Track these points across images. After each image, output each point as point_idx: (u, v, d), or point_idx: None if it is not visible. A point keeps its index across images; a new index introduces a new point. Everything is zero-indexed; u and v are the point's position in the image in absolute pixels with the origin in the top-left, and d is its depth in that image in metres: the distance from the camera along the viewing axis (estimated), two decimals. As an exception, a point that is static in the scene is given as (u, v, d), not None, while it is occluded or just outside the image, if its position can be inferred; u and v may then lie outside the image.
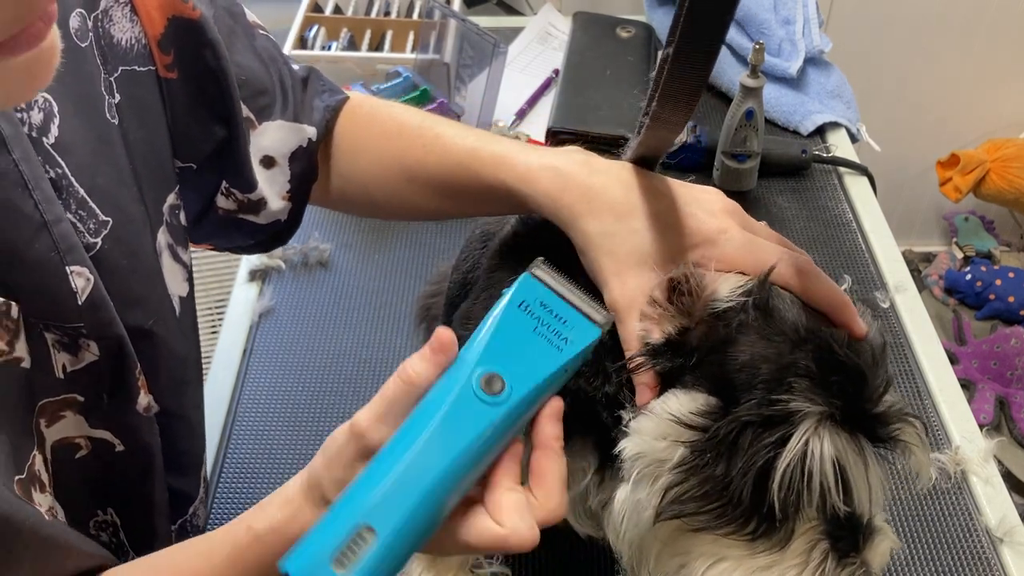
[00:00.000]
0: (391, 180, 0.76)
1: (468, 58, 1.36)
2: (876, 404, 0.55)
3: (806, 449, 0.51)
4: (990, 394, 1.96)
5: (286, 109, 0.76)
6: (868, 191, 1.31)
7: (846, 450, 0.52)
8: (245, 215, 0.77)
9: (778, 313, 0.56)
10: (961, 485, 0.94)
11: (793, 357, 0.54)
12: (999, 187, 2.26)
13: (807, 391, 0.52)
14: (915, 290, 1.16)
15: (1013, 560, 0.88)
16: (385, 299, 1.16)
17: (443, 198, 0.73)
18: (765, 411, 0.52)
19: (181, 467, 0.71)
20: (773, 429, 0.52)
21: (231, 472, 0.97)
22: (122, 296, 0.61)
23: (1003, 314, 2.14)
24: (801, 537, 0.55)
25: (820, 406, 0.52)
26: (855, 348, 0.56)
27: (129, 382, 0.61)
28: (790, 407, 0.52)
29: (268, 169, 0.76)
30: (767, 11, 1.46)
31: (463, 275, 0.78)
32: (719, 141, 1.25)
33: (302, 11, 1.54)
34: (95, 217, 0.60)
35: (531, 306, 0.54)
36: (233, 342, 1.11)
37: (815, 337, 0.54)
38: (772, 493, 0.52)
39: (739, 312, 0.56)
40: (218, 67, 0.70)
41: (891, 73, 2.19)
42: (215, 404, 1.04)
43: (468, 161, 0.68)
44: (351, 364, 1.09)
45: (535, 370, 0.52)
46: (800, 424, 0.51)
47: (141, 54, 0.66)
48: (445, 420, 0.49)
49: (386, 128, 0.77)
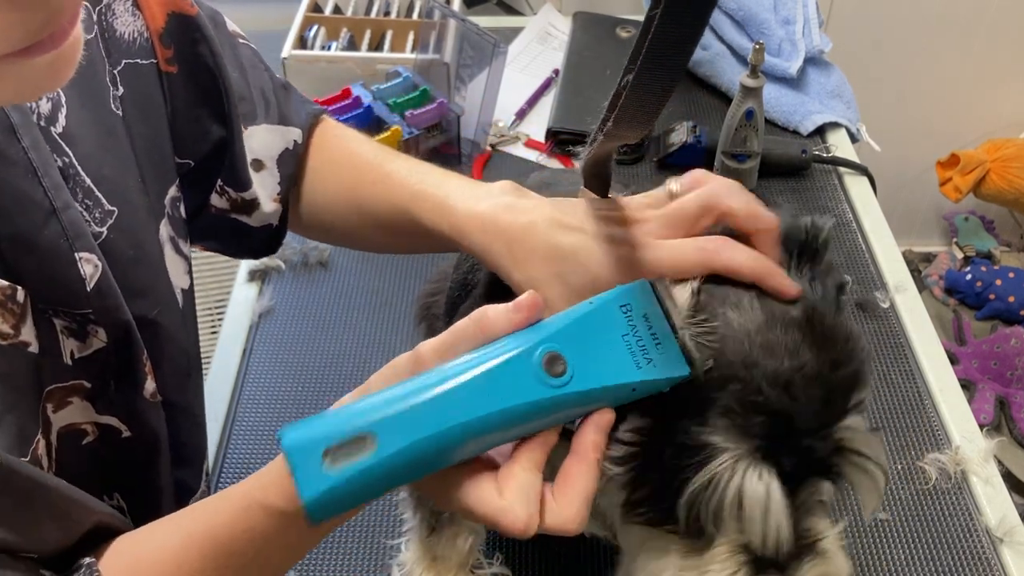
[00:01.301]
0: (343, 209, 0.77)
1: (468, 58, 1.36)
2: (815, 439, 0.53)
3: (711, 481, 0.52)
4: (990, 394, 1.96)
5: (269, 113, 0.77)
6: (868, 191, 1.31)
7: (759, 486, 0.52)
8: (238, 215, 0.77)
9: (723, 342, 0.54)
10: (961, 485, 0.94)
11: (716, 395, 0.53)
12: (999, 187, 2.26)
13: (724, 430, 0.52)
14: (915, 290, 1.16)
15: (1013, 560, 0.88)
16: (385, 299, 1.16)
17: (390, 235, 0.74)
18: (685, 440, 0.53)
19: (183, 459, 0.71)
20: (690, 457, 0.53)
21: (231, 472, 0.97)
22: (127, 286, 0.61)
23: (1003, 314, 2.14)
24: (723, 546, 0.55)
25: (736, 444, 0.52)
26: (798, 381, 0.53)
27: (136, 368, 0.61)
28: (708, 440, 0.52)
29: (258, 172, 0.77)
30: (767, 11, 1.46)
31: (463, 275, 0.78)
32: (719, 141, 1.25)
33: (302, 11, 1.54)
34: (101, 207, 0.61)
35: (633, 313, 0.51)
36: (233, 342, 1.11)
37: (748, 373, 0.53)
38: (680, 510, 0.53)
39: None
40: (215, 64, 0.71)
41: (891, 73, 2.19)
42: (215, 403, 1.04)
43: (410, 205, 0.69)
44: (351, 364, 1.09)
45: (603, 373, 0.49)
46: (715, 458, 0.52)
47: (143, 48, 0.67)
48: (490, 375, 0.47)
49: (345, 155, 0.78)
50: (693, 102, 1.47)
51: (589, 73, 1.47)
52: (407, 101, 1.33)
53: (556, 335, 0.49)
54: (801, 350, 0.54)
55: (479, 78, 1.33)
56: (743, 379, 0.53)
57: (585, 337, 0.50)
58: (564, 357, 0.49)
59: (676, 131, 1.34)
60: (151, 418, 0.64)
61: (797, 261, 0.60)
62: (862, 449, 0.55)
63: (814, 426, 0.53)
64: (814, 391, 0.53)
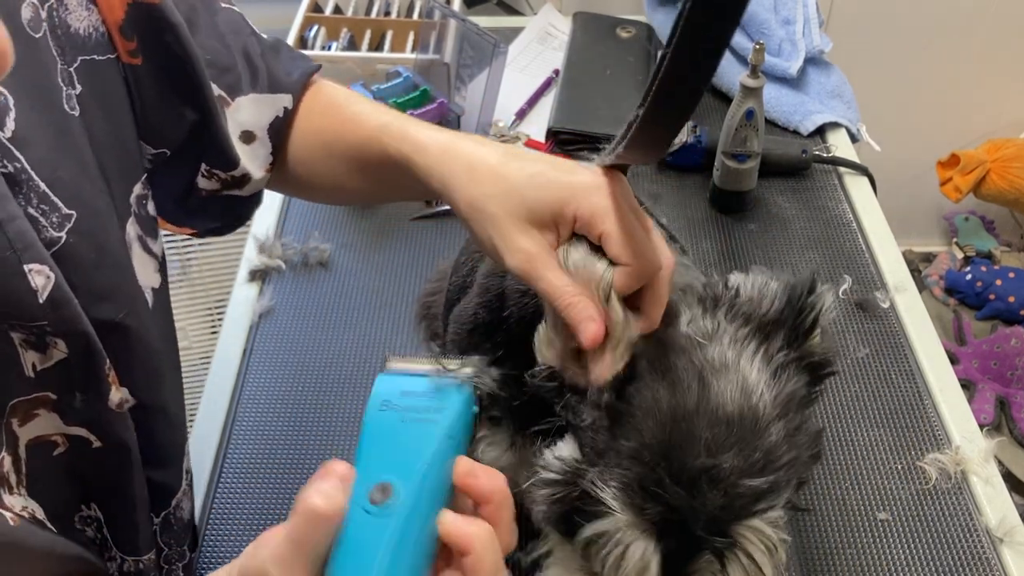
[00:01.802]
0: (315, 155, 0.78)
1: (468, 58, 1.36)
2: (709, 534, 0.54)
3: (600, 535, 0.55)
4: (990, 394, 1.96)
5: (257, 82, 0.77)
6: (868, 191, 1.31)
7: (641, 557, 0.54)
8: (230, 191, 0.78)
9: (633, 416, 0.56)
10: (961, 485, 0.94)
11: (625, 465, 0.55)
12: (999, 187, 2.26)
13: (623, 502, 0.54)
14: (915, 290, 1.16)
15: (1013, 560, 0.87)
16: (385, 299, 1.16)
17: (358, 173, 0.76)
18: (591, 490, 0.55)
19: (161, 460, 0.70)
20: (592, 505, 0.55)
21: (231, 472, 0.97)
22: (90, 290, 0.60)
23: (1003, 314, 2.14)
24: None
25: (630, 517, 0.54)
26: (704, 483, 0.54)
27: (99, 378, 0.60)
28: (608, 502, 0.54)
29: (248, 144, 0.77)
30: (767, 11, 1.46)
31: (462, 278, 0.78)
32: (719, 141, 1.25)
33: (302, 11, 1.54)
34: (58, 211, 0.59)
35: (393, 401, 0.52)
36: (233, 342, 1.11)
37: (654, 460, 0.54)
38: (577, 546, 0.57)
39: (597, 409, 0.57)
40: (183, 51, 0.69)
41: (891, 73, 2.19)
42: (215, 404, 1.04)
43: (377, 134, 0.71)
44: (351, 364, 1.09)
45: (417, 457, 0.49)
46: (609, 516, 0.54)
47: (100, 43, 0.65)
48: (348, 552, 0.45)
49: (322, 106, 0.80)
50: (693, 102, 1.47)
51: (589, 73, 1.47)
52: (407, 101, 1.34)
53: (364, 474, 0.48)
54: (720, 449, 0.54)
55: (479, 78, 1.33)
56: (649, 465, 0.54)
57: (382, 451, 0.49)
58: (385, 480, 0.48)
59: (676, 131, 1.34)
60: (119, 428, 0.63)
61: (781, 335, 0.60)
62: (752, 553, 0.55)
63: (710, 526, 0.54)
64: (716, 495, 0.53)
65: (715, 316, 0.60)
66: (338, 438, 1.01)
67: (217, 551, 0.91)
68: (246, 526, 0.93)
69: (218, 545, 0.91)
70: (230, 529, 0.92)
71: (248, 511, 0.94)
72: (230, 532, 0.92)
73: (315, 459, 0.99)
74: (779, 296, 0.61)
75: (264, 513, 0.94)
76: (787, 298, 0.60)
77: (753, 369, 0.57)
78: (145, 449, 0.66)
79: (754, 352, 0.58)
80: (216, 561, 0.90)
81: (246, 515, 0.94)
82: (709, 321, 0.60)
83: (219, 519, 0.93)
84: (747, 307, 0.60)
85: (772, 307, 0.60)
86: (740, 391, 0.56)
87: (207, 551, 0.91)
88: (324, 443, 1.01)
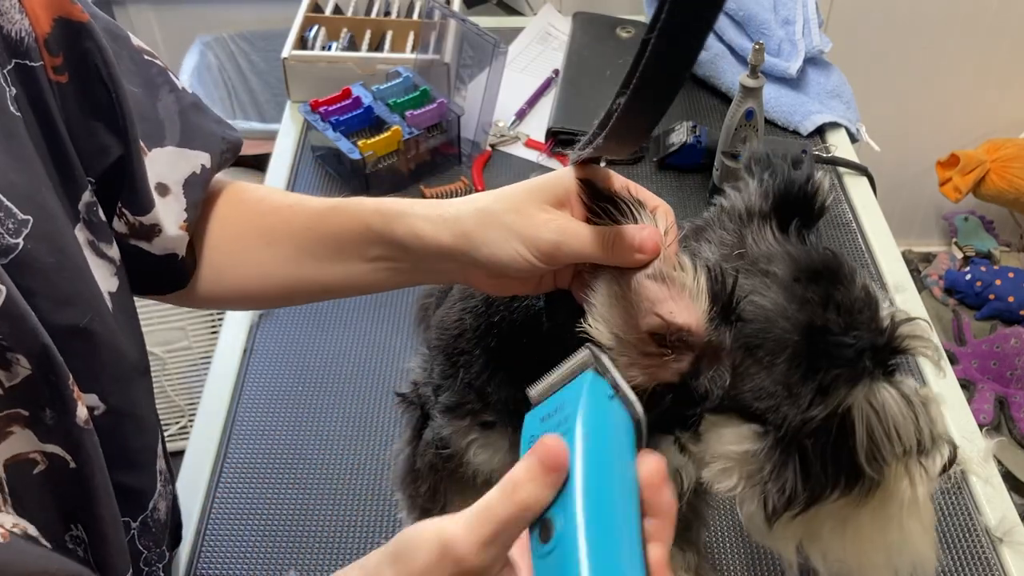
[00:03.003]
0: (273, 255, 0.73)
1: (468, 58, 1.36)
2: (883, 336, 0.57)
3: (848, 407, 0.55)
4: (990, 394, 1.96)
5: (175, 135, 0.72)
6: (868, 191, 1.31)
7: (890, 392, 0.56)
8: (138, 241, 0.70)
9: (756, 314, 0.56)
10: (961, 485, 0.94)
11: (801, 345, 0.55)
12: (999, 187, 2.26)
13: (835, 356, 0.54)
14: (915, 290, 1.16)
15: (1013, 560, 0.88)
16: (385, 299, 1.16)
17: (339, 262, 0.71)
18: (814, 410, 0.54)
19: (134, 464, 0.69)
20: (826, 422, 0.55)
21: (231, 472, 0.97)
22: (53, 295, 0.58)
23: (1003, 314, 2.14)
24: (896, 466, 0.57)
25: (848, 367, 0.54)
26: (840, 302, 0.56)
27: (64, 395, 0.58)
28: (827, 383, 0.54)
29: (163, 197, 0.71)
30: (767, 11, 1.46)
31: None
32: (719, 141, 1.25)
33: (302, 11, 1.54)
34: (13, 217, 0.57)
35: (536, 435, 0.47)
36: (233, 342, 1.11)
37: (805, 319, 0.55)
38: (859, 456, 0.55)
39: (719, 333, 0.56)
40: (109, 75, 0.65)
41: (891, 73, 2.19)
42: (215, 404, 1.04)
43: (375, 218, 0.67)
44: (351, 364, 1.09)
45: (570, 478, 0.45)
46: (845, 395, 0.54)
47: (32, 47, 0.62)
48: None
49: (268, 205, 0.75)
50: (693, 102, 1.48)
51: (589, 73, 1.47)
52: (407, 101, 1.34)
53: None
54: (855, 301, 0.57)
55: (479, 78, 1.33)
56: (806, 324, 0.55)
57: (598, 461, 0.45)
58: (547, 516, 0.44)
59: (676, 131, 1.34)
60: (87, 445, 0.61)
61: (791, 224, 0.62)
62: (911, 324, 0.59)
63: (882, 317, 0.57)
64: (854, 296, 0.57)
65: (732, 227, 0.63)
66: (338, 438, 1.01)
67: (217, 551, 0.91)
68: (246, 526, 0.93)
69: (218, 545, 0.91)
70: (230, 529, 0.92)
71: (248, 511, 0.94)
72: (230, 532, 0.92)
73: (315, 459, 0.99)
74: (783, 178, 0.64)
75: (264, 513, 0.94)
76: (789, 180, 0.64)
77: (795, 245, 0.60)
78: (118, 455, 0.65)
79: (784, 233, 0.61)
80: (216, 561, 0.90)
81: (246, 515, 0.94)
82: (731, 234, 0.63)
83: (219, 519, 0.93)
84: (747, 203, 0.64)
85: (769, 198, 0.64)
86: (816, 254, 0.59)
87: (207, 551, 0.91)
88: (324, 443, 1.01)
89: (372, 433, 1.02)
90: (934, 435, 0.59)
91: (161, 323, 1.86)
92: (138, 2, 2.05)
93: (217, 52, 2.02)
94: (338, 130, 1.30)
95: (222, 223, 0.75)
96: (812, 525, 0.59)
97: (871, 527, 0.59)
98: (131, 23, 2.04)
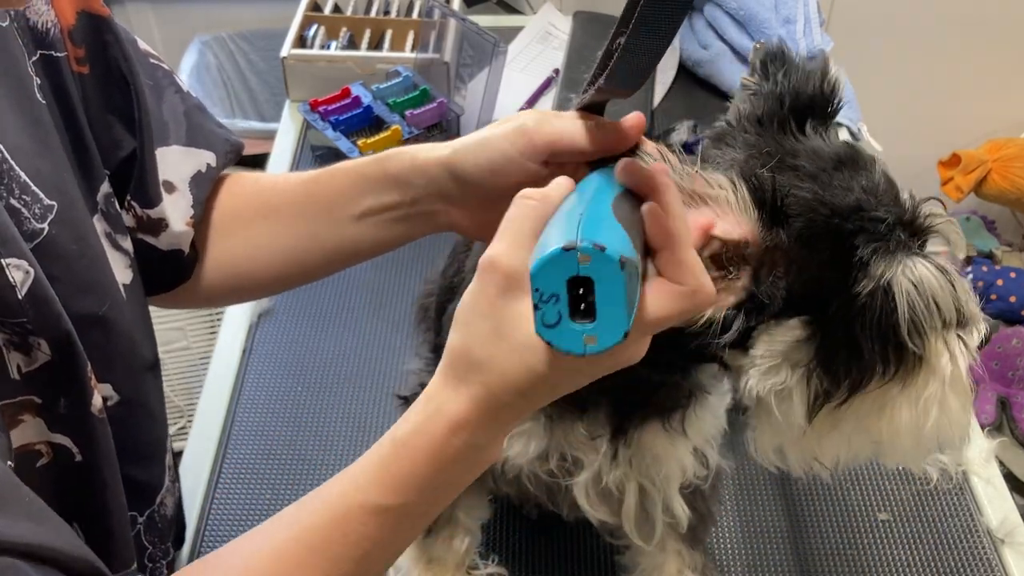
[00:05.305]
0: (279, 229, 0.75)
1: (468, 58, 1.36)
2: (909, 212, 0.59)
3: (894, 278, 0.56)
4: (991, 394, 1.96)
5: (180, 135, 0.73)
6: (869, 191, 1.31)
7: (926, 265, 0.57)
8: (144, 235, 0.71)
9: (799, 208, 0.57)
10: (962, 486, 0.94)
11: (842, 225, 0.57)
12: (1001, 187, 2.26)
13: (871, 231, 0.56)
14: (916, 290, 1.16)
15: (1014, 561, 0.87)
16: (385, 299, 1.16)
17: (347, 223, 0.73)
18: (858, 286, 0.56)
19: (145, 457, 0.69)
20: (870, 297, 0.56)
21: (231, 472, 0.97)
22: (73, 282, 0.59)
23: (1005, 314, 2.14)
24: (935, 341, 0.58)
25: (884, 240, 0.56)
26: (865, 186, 0.58)
27: (82, 381, 0.59)
28: (867, 258, 0.56)
29: (170, 194, 0.72)
30: (768, 10, 1.45)
31: (449, 280, 0.79)
32: (719, 141, 1.24)
33: (302, 10, 1.53)
34: (40, 201, 0.58)
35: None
36: (233, 342, 1.11)
37: (841, 201, 0.57)
38: (901, 329, 0.56)
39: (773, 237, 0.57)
40: (128, 69, 0.67)
41: (891, 73, 2.18)
42: (215, 404, 1.04)
43: (380, 163, 0.70)
44: (351, 364, 1.09)
45: None
46: (884, 269, 0.56)
47: (57, 39, 0.64)
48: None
49: (269, 187, 0.77)
50: (693, 102, 1.47)
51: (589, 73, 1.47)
52: (407, 101, 1.33)
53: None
54: (879, 187, 0.60)
55: (479, 78, 1.33)
56: (841, 208, 0.57)
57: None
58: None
59: (676, 131, 1.34)
60: (100, 436, 0.61)
61: (807, 124, 0.63)
62: (932, 204, 0.62)
63: (904, 199, 0.60)
64: (874, 183, 0.60)
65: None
66: (337, 438, 1.01)
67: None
68: (246, 526, 0.93)
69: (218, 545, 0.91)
70: (229, 529, 0.92)
71: (247, 511, 0.94)
72: (230, 532, 0.92)
73: (315, 459, 0.99)
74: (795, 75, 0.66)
75: (264, 513, 0.94)
76: (803, 78, 0.66)
77: (814, 140, 0.62)
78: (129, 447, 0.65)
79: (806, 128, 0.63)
80: (215, 562, 0.90)
81: (246, 515, 0.94)
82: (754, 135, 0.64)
83: (219, 519, 0.93)
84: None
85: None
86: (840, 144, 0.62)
87: (207, 551, 0.91)
88: (323, 443, 1.01)
89: (372, 433, 1.02)
90: (971, 308, 0.60)
91: (160, 323, 1.85)
92: (137, 1, 2.04)
93: (216, 51, 2.02)
94: (337, 129, 1.30)
95: (221, 209, 0.76)
96: (849, 416, 0.60)
97: (910, 409, 0.59)
98: (130, 22, 2.04)
